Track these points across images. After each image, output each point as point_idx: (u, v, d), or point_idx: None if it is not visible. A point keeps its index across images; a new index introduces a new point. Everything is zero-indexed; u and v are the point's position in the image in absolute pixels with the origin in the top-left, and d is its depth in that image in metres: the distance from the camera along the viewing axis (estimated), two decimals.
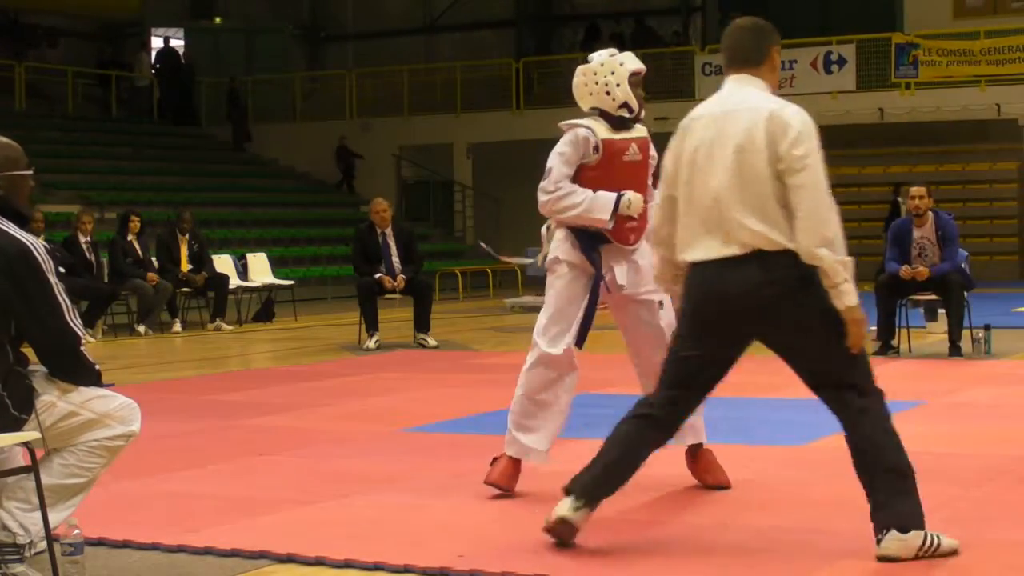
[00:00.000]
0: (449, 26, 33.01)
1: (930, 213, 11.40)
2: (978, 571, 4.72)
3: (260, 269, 18.57)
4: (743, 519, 5.42)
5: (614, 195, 5.90)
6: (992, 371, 10.58)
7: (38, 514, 4.43)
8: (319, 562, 4.85)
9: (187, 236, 16.56)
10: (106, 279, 15.73)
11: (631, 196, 5.92)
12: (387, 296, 13.72)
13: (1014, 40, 24.56)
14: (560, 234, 6.04)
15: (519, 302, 19.40)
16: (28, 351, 4.60)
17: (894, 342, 11.52)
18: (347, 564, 4.82)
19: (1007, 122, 24.59)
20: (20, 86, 26.76)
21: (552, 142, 6.07)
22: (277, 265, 19.91)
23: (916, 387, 9.55)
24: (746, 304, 4.66)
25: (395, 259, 13.69)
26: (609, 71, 5.99)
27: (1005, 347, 11.87)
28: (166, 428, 7.83)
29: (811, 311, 4.65)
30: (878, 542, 4.68)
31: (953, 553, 4.72)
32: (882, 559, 4.66)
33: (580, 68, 6.10)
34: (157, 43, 31.99)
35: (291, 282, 18.69)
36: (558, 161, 5.95)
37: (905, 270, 11.25)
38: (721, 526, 5.30)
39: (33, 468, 4.41)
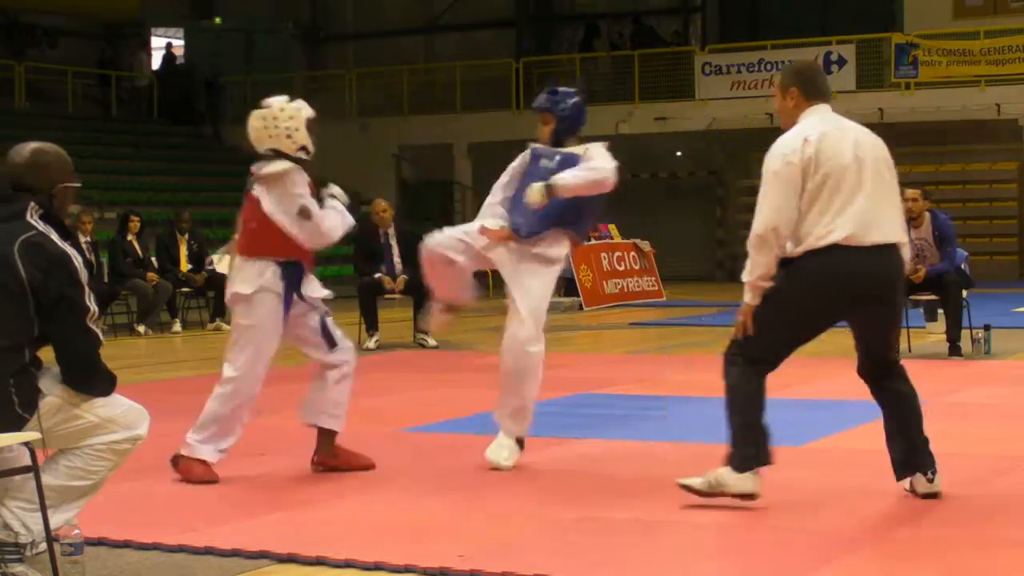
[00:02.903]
0: (449, 26, 33.02)
1: (927, 214, 11.40)
2: (979, 571, 4.72)
3: None
4: (743, 519, 5.42)
5: None
6: (992, 371, 10.58)
7: (41, 514, 4.44)
8: (319, 562, 4.85)
9: (187, 236, 16.56)
10: (106, 279, 15.73)
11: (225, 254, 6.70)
12: (387, 296, 13.73)
13: (1014, 40, 24.56)
14: (261, 265, 6.57)
15: None
16: (41, 354, 4.63)
17: None
18: (347, 564, 4.82)
19: (1007, 122, 24.59)
20: (20, 86, 26.76)
21: None
22: None
23: (916, 387, 9.54)
24: (894, 282, 5.62)
25: (396, 259, 13.69)
26: (289, 116, 6.46)
27: (1005, 347, 11.87)
28: (166, 428, 7.79)
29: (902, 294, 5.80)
30: (930, 479, 5.68)
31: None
32: (932, 494, 5.64)
33: (258, 113, 6.51)
34: (157, 43, 32.00)
35: None
36: (310, 197, 6.50)
37: (910, 269, 11.24)
38: (721, 526, 5.30)
39: (33, 468, 4.41)
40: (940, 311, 12.55)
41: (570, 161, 6.72)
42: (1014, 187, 25.78)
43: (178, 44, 32.22)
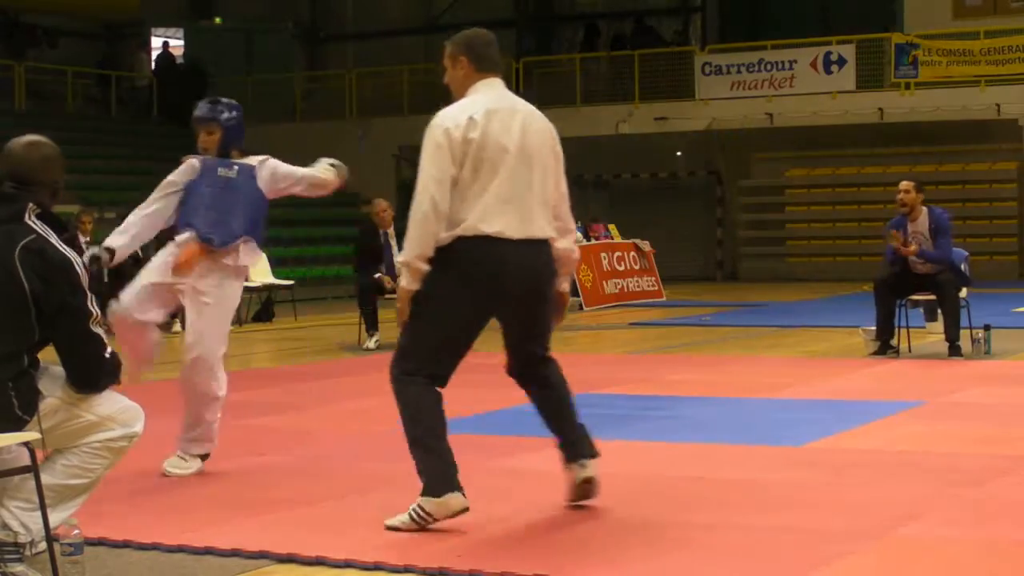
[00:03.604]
0: (449, 26, 32.96)
1: (924, 208, 11.42)
2: (978, 571, 4.72)
3: (260, 269, 18.50)
4: (743, 519, 5.42)
5: None
6: (992, 371, 10.58)
7: (40, 513, 4.44)
8: (319, 562, 4.85)
9: None
10: (106, 279, 15.71)
11: None
12: (387, 296, 13.72)
13: (1014, 40, 24.56)
14: None
15: None
16: (41, 356, 4.63)
17: (894, 342, 11.52)
18: (347, 564, 4.82)
19: (1007, 122, 24.60)
20: (20, 86, 26.76)
21: None
22: (277, 265, 19.90)
23: (916, 387, 9.56)
24: (545, 278, 5.42)
25: (396, 259, 13.70)
26: None
27: (1005, 347, 11.87)
28: (166, 428, 7.81)
29: (554, 291, 5.54)
30: (583, 466, 5.56)
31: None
32: (588, 479, 5.55)
33: None
34: (157, 43, 32.01)
35: (291, 282, 18.68)
36: None
37: (897, 242, 11.28)
38: (721, 526, 5.30)
39: (33, 468, 4.42)
40: (940, 311, 12.57)
41: (247, 171, 6.72)
42: (1014, 187, 25.78)
43: (175, 44, 32.20)
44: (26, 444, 4.42)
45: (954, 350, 11.24)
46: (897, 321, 11.57)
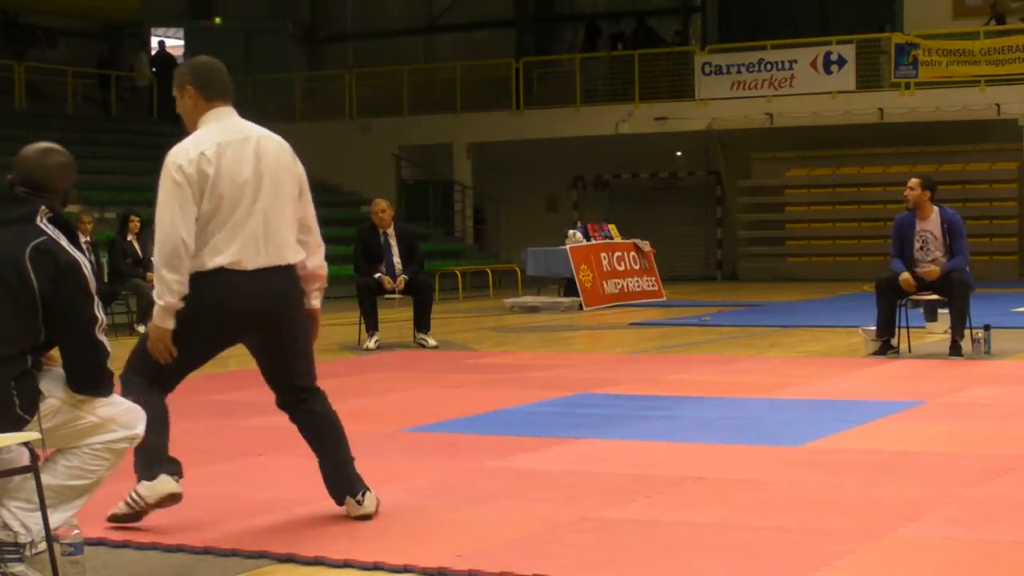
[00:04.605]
0: (449, 26, 33.05)
1: (934, 207, 11.40)
2: (978, 571, 4.72)
3: None
4: (743, 519, 5.41)
5: None
6: (992, 371, 10.58)
7: (40, 514, 4.45)
8: (318, 562, 4.85)
9: None
10: (106, 279, 15.72)
11: None
12: (387, 296, 13.72)
13: (1014, 40, 24.58)
14: None
15: (519, 302, 19.40)
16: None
17: (894, 342, 11.52)
18: (346, 564, 4.82)
19: (1007, 122, 24.60)
20: (20, 86, 26.76)
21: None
22: None
23: (916, 387, 9.55)
24: (284, 305, 5.31)
25: (396, 259, 13.69)
26: None
27: (1005, 347, 11.86)
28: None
29: (303, 316, 5.44)
30: (359, 501, 5.47)
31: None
32: (364, 516, 5.44)
33: None
34: (157, 43, 32.03)
35: None
36: None
37: (905, 279, 11.23)
38: (721, 526, 5.30)
39: (33, 468, 4.42)
40: (940, 311, 12.55)
41: None
42: (1014, 187, 25.78)
43: (171, 44, 32.18)
44: (26, 444, 4.42)
45: (954, 350, 11.24)
46: (897, 321, 11.56)
